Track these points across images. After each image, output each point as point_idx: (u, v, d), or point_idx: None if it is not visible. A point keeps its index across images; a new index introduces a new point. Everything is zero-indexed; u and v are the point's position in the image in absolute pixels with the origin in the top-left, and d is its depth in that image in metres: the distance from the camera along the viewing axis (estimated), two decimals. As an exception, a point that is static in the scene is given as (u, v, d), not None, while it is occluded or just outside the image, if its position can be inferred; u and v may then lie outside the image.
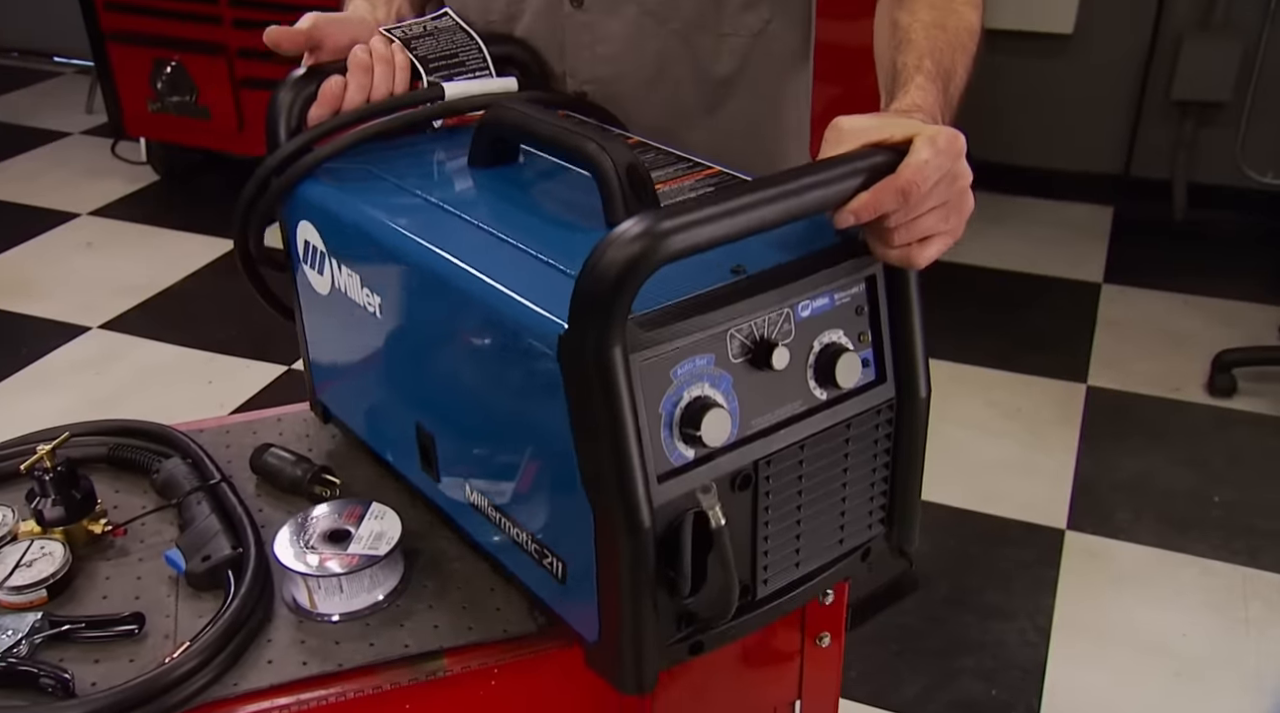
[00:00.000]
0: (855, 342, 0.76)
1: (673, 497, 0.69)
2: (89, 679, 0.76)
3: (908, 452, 0.80)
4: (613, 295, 0.63)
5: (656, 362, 0.67)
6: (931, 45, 0.87)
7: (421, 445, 0.85)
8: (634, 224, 0.63)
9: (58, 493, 0.88)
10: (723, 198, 0.66)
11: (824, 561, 0.79)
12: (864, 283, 0.76)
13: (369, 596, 0.83)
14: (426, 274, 0.77)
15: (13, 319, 2.88)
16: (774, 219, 0.66)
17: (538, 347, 0.68)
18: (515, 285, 0.72)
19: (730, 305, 0.70)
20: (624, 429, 0.65)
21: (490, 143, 0.89)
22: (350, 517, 0.86)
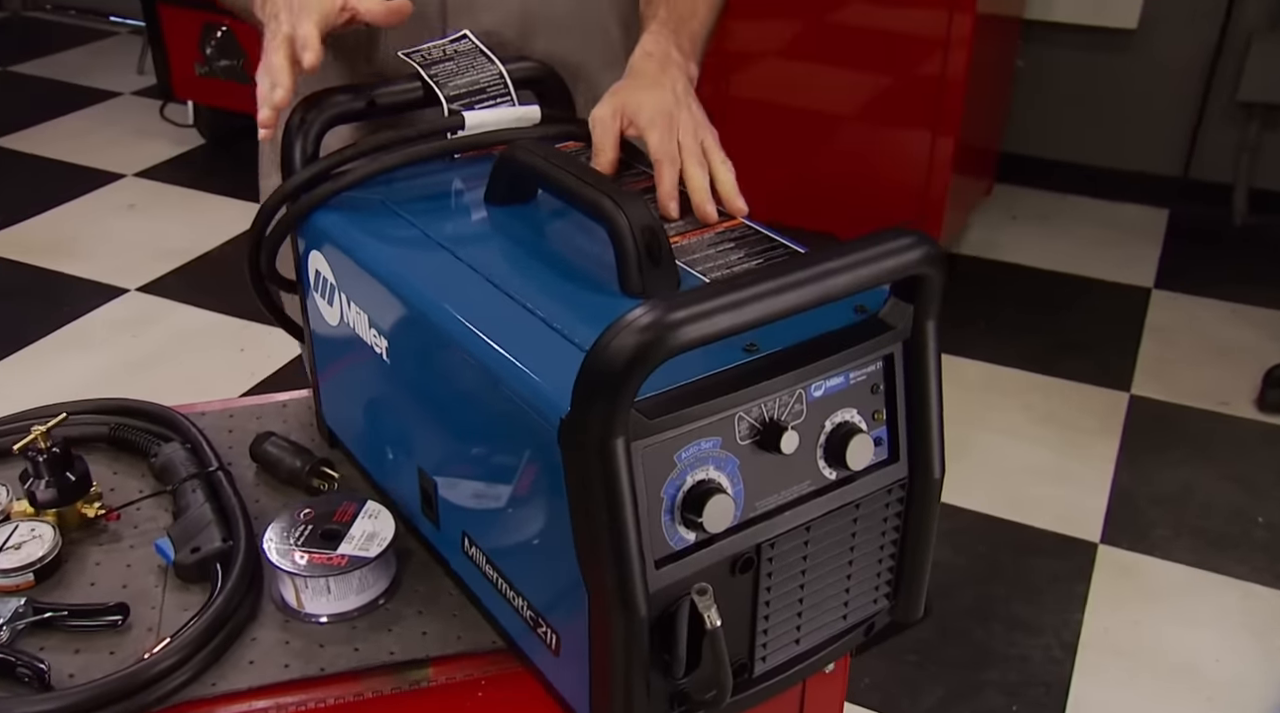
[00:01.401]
0: (869, 420, 0.74)
1: (670, 582, 0.67)
2: (67, 671, 0.76)
3: (917, 530, 0.78)
4: (617, 386, 0.61)
5: (660, 447, 0.65)
6: None
7: (423, 490, 0.84)
8: (644, 312, 0.61)
9: (51, 475, 0.87)
10: (742, 284, 0.63)
11: (825, 637, 0.78)
12: (881, 361, 0.73)
13: (358, 598, 0.82)
14: (433, 330, 0.75)
15: (54, 278, 2.92)
16: (795, 307, 0.64)
17: (539, 423, 0.66)
18: (522, 355, 0.70)
19: (741, 388, 0.68)
20: (623, 518, 0.63)
21: (508, 182, 0.86)
22: (343, 515, 0.85)
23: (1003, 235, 3.28)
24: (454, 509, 0.81)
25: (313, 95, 0.91)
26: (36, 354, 2.62)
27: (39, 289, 2.86)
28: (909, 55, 2.68)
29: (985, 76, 2.87)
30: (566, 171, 0.79)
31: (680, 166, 0.87)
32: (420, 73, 0.93)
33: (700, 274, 0.79)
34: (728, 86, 2.84)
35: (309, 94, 0.91)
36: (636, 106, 0.92)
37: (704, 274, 0.79)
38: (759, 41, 2.80)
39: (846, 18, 2.72)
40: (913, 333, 0.73)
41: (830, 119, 2.82)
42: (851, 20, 2.71)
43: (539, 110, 0.95)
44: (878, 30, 2.69)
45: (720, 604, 0.69)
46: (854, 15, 2.71)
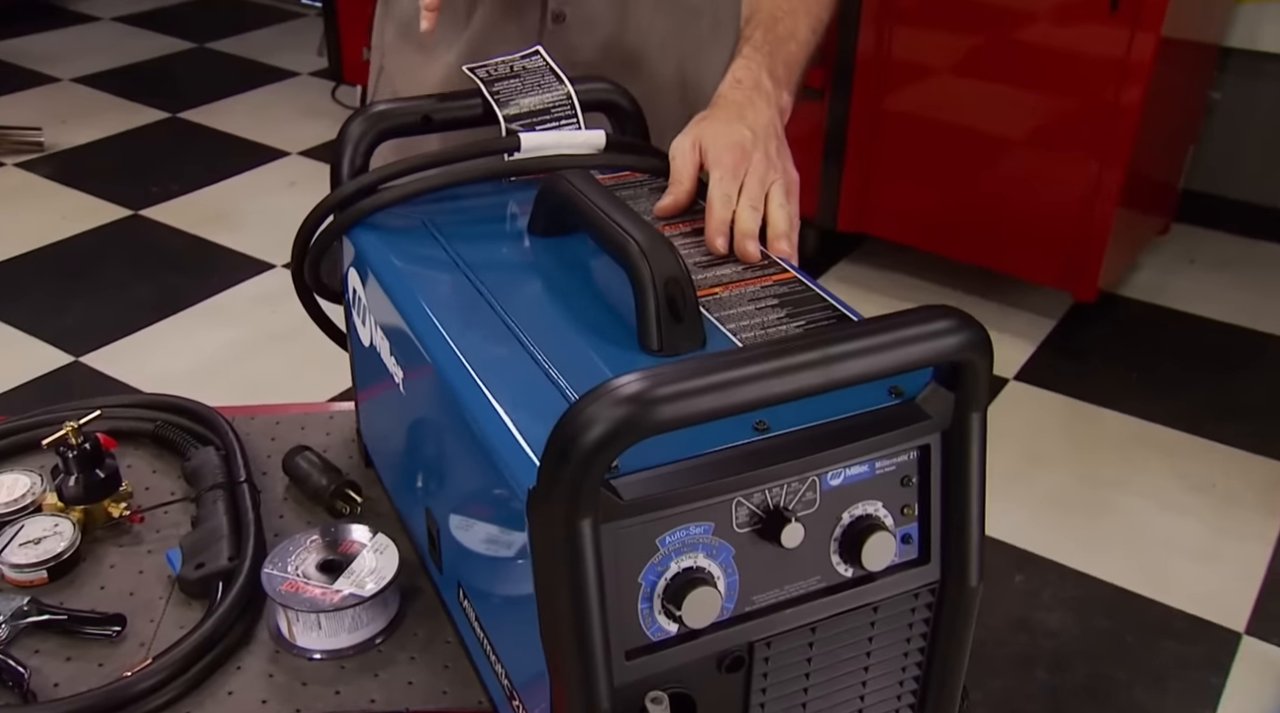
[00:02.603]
0: (896, 515, 0.66)
1: (643, 676, 0.61)
2: (53, 679, 0.75)
3: (949, 641, 0.69)
4: (585, 463, 0.55)
5: (639, 530, 0.59)
6: (769, 13, 0.99)
7: (429, 531, 0.80)
8: (629, 382, 0.55)
9: (80, 471, 0.87)
10: (742, 361, 0.56)
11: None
12: (916, 451, 0.65)
13: (350, 636, 0.78)
14: (434, 366, 0.71)
15: (209, 248, 3.04)
16: (801, 392, 0.56)
17: (512, 491, 0.61)
18: (510, 406, 0.65)
19: (742, 471, 0.61)
20: (586, 604, 0.57)
21: (548, 213, 0.81)
22: (349, 546, 0.81)
23: (1176, 279, 3.04)
24: (453, 557, 0.77)
25: (368, 107, 0.88)
26: (182, 322, 2.73)
27: (194, 258, 2.99)
28: (1082, 76, 2.50)
29: (1167, 105, 2.66)
30: (598, 208, 0.74)
31: (734, 209, 0.81)
32: (482, 89, 0.89)
33: (731, 333, 0.72)
34: (881, 98, 2.72)
35: (365, 105, 0.88)
36: (712, 139, 0.86)
37: (735, 333, 0.72)
38: (919, 53, 2.67)
39: (1017, 32, 2.56)
40: (953, 423, 0.64)
41: (989, 139, 2.67)
42: (1023, 35, 2.55)
43: (604, 136, 0.89)
44: (1050, 47, 2.53)
45: (704, 704, 0.63)
46: (1026, 30, 2.55)
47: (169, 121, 3.80)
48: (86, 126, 3.66)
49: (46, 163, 3.44)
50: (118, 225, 3.15)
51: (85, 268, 2.94)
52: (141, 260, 2.99)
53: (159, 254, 3.03)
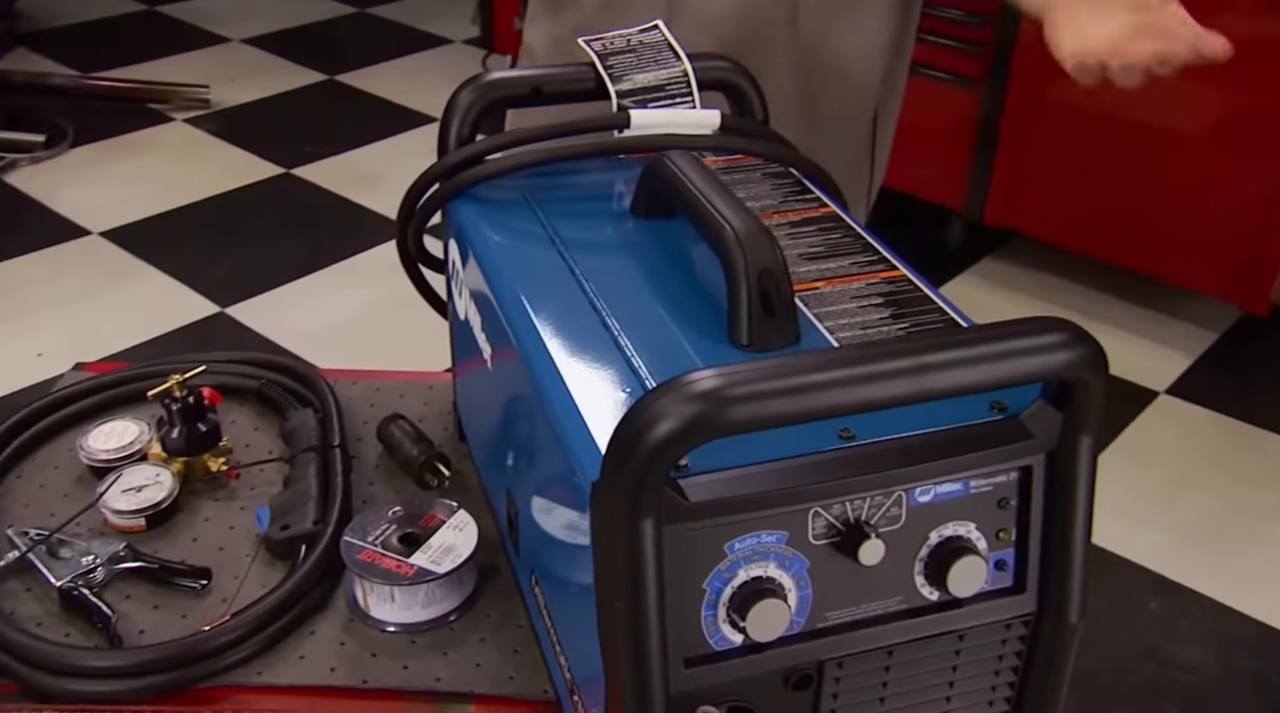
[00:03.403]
0: (990, 540, 0.61)
1: (701, 686, 0.58)
2: (139, 625, 0.77)
3: (1044, 681, 0.64)
4: (648, 461, 0.52)
5: (706, 534, 0.56)
6: None
7: (509, 512, 0.78)
8: (704, 378, 0.52)
9: (182, 424, 0.89)
10: (828, 364, 0.53)
11: (910, 777, 0.66)
12: (1016, 472, 0.60)
13: (424, 611, 0.78)
14: (519, 346, 0.69)
15: (353, 209, 3.11)
16: (886, 402, 0.53)
17: (578, 484, 0.58)
18: (589, 398, 0.62)
19: (822, 481, 0.57)
20: (644, 608, 0.55)
21: (650, 194, 0.79)
22: (430, 520, 0.81)
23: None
24: (529, 541, 0.75)
25: (478, 76, 0.86)
26: (323, 280, 2.80)
27: (339, 218, 3.06)
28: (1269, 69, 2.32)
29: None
30: (697, 191, 0.70)
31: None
32: (595, 62, 0.86)
33: (827, 331, 0.68)
34: (1041, 88, 2.59)
35: (474, 75, 0.86)
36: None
37: (832, 332, 0.68)
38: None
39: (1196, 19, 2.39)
40: (1060, 445, 0.59)
41: (1157, 134, 2.50)
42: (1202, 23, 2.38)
43: (719, 116, 0.86)
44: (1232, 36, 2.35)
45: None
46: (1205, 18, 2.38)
47: (326, 83, 3.90)
48: (251, 86, 3.78)
49: (212, 119, 3.58)
50: (271, 182, 3.25)
51: (239, 222, 3.05)
52: (291, 218, 3.09)
53: (307, 212, 3.12)
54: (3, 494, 0.88)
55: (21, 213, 3.01)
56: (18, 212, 3.02)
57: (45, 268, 2.80)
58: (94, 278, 2.76)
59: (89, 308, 2.65)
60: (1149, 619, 1.96)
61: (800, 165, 0.86)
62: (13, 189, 3.11)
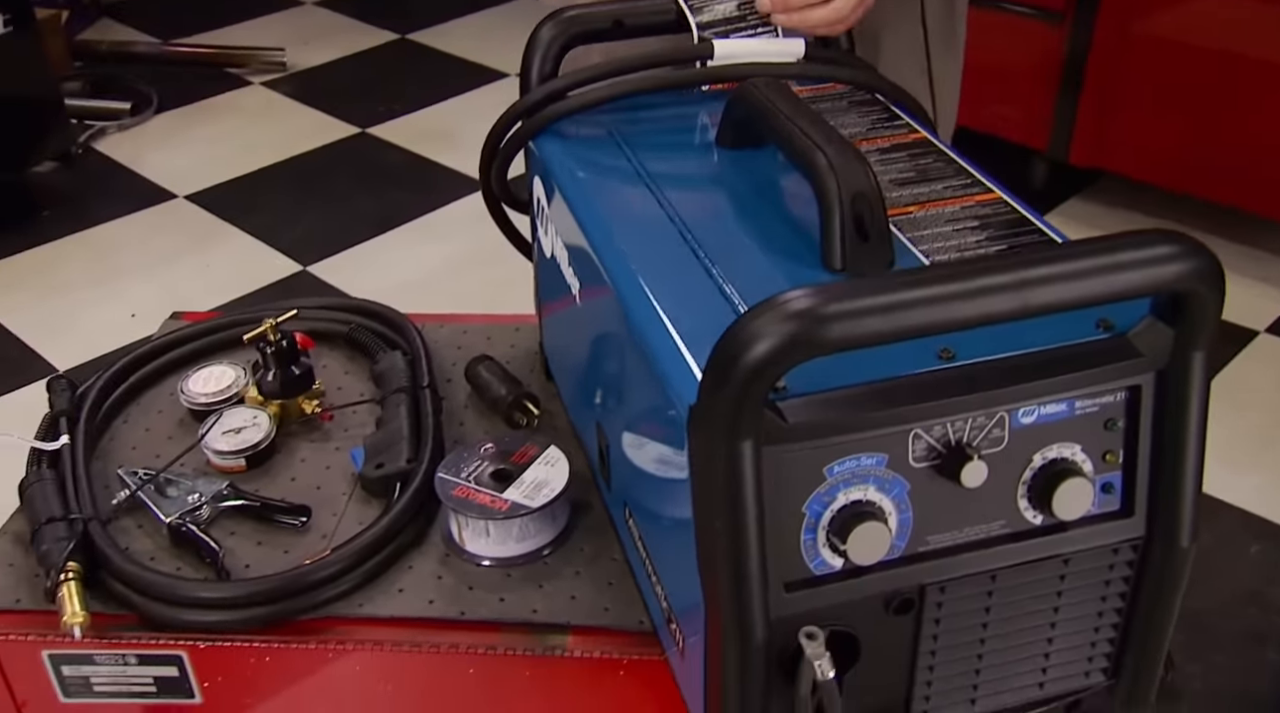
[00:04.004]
0: (1097, 462, 0.59)
1: (801, 610, 0.58)
2: (244, 560, 0.79)
3: (1154, 603, 0.62)
4: (747, 381, 0.51)
5: (805, 456, 0.56)
6: None
7: (600, 447, 0.79)
8: (800, 297, 0.51)
9: (277, 367, 0.90)
10: (927, 280, 0.52)
11: (1014, 703, 0.65)
12: (1124, 392, 0.58)
13: (518, 545, 0.79)
14: (608, 277, 0.69)
15: (429, 166, 3.12)
16: (990, 317, 0.51)
17: (675, 408, 0.58)
18: (683, 327, 0.62)
19: (922, 402, 0.56)
20: (743, 532, 0.55)
21: (736, 125, 0.77)
22: (522, 456, 0.81)
23: None
24: (621, 474, 0.75)
25: (558, 11, 0.86)
26: (401, 236, 2.83)
27: (414, 175, 3.08)
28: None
29: None
30: (787, 118, 0.69)
31: None
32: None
33: (923, 255, 0.66)
34: (1130, 20, 2.50)
35: (555, 9, 0.86)
36: None
37: (928, 255, 0.66)
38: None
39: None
40: (1171, 364, 0.57)
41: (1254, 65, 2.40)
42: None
43: (803, 44, 0.84)
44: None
45: (870, 645, 0.60)
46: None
47: (398, 43, 3.91)
48: (325, 47, 3.81)
49: (288, 82, 3.62)
50: (347, 142, 3.28)
51: (316, 182, 3.09)
52: (367, 176, 3.12)
53: (382, 171, 3.14)
54: (110, 437, 0.91)
55: (111, 178, 3.09)
56: (107, 177, 3.10)
57: (135, 231, 2.87)
58: (181, 240, 2.82)
59: (177, 269, 2.71)
60: (1251, 563, 1.91)
61: (887, 91, 0.84)
62: (102, 156, 3.18)
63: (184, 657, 0.75)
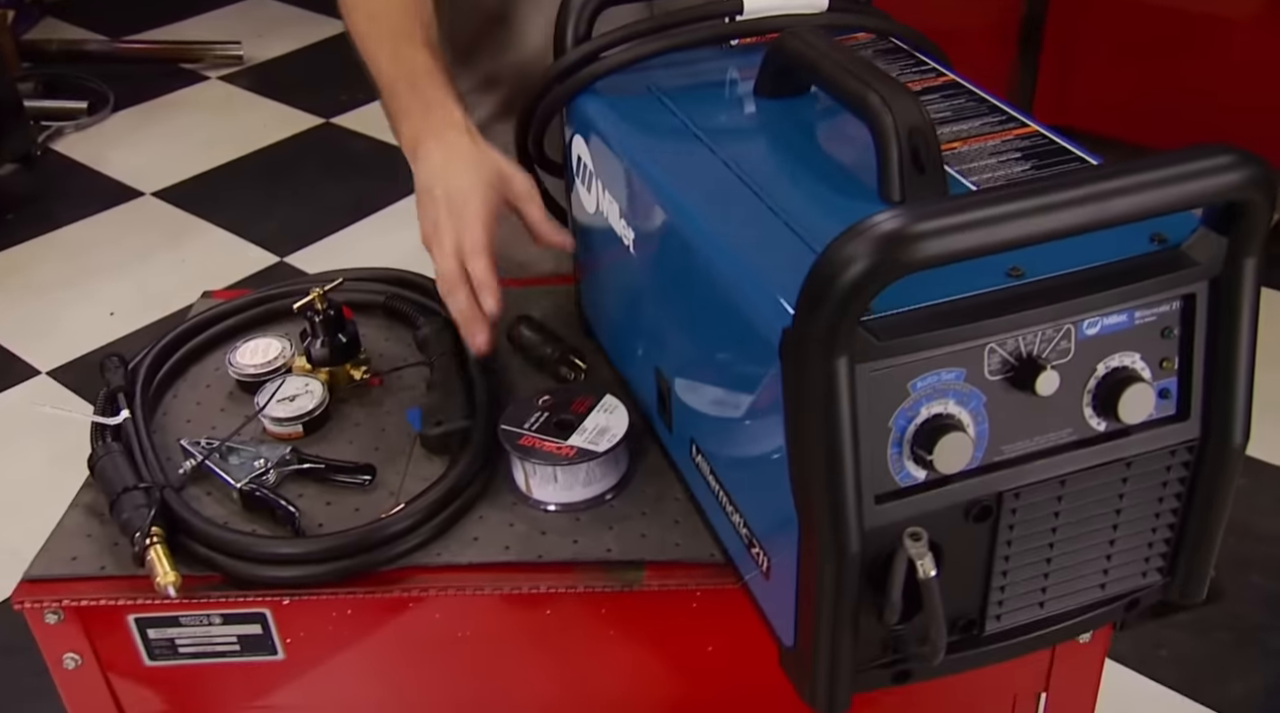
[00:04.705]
0: (1154, 368, 0.63)
1: (890, 520, 0.61)
2: (317, 520, 0.81)
3: (1207, 502, 0.67)
4: (843, 300, 0.54)
5: (892, 372, 0.59)
6: None
7: (659, 391, 0.81)
8: (886, 219, 0.54)
9: (325, 335, 0.92)
10: (1005, 197, 0.55)
11: (1078, 604, 0.69)
12: (1180, 301, 0.62)
13: (584, 490, 0.81)
14: (671, 222, 0.72)
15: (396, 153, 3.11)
16: (1066, 230, 0.55)
17: (763, 332, 0.61)
18: (753, 256, 0.65)
19: (996, 317, 0.60)
20: (840, 445, 0.58)
21: (776, 73, 0.80)
22: (580, 406, 0.84)
23: None
24: (685, 414, 0.78)
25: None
26: (376, 223, 2.83)
27: (383, 163, 3.08)
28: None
29: None
30: (835, 62, 0.72)
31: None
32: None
33: (974, 185, 0.70)
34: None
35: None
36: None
37: (979, 186, 0.70)
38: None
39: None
40: (1224, 271, 0.61)
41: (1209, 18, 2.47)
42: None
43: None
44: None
45: (950, 552, 0.63)
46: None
47: (354, 33, 3.90)
48: (280, 39, 3.79)
49: (245, 76, 3.59)
50: (312, 133, 3.27)
51: (285, 173, 3.08)
52: (335, 166, 3.11)
53: (350, 159, 3.14)
54: (164, 412, 0.92)
55: (74, 179, 3.05)
56: (70, 178, 3.06)
57: (104, 231, 2.84)
58: (153, 236, 2.80)
59: (153, 266, 2.69)
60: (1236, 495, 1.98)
61: (910, 38, 0.87)
62: (61, 156, 3.14)
63: (267, 614, 0.77)
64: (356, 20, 0.98)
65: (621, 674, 0.83)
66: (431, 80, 0.92)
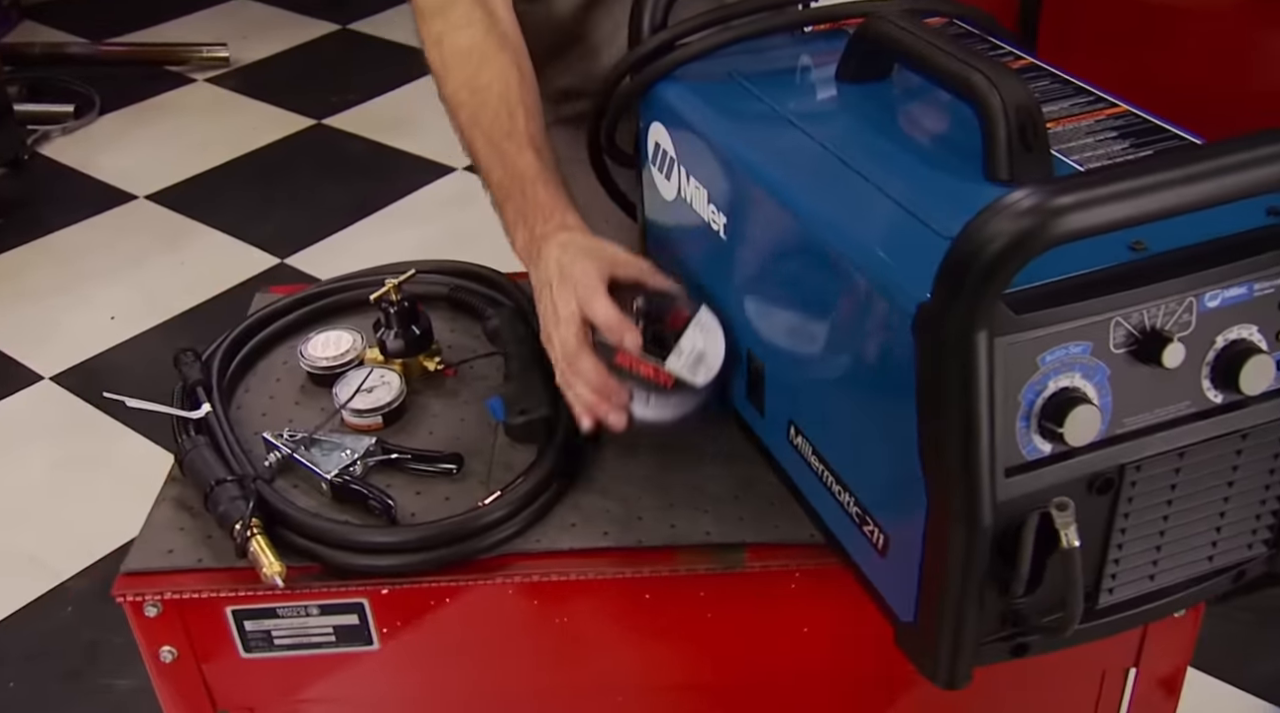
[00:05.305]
0: (1271, 341, 0.64)
1: (1019, 494, 0.61)
2: (409, 509, 0.81)
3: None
4: (988, 275, 0.55)
5: (1023, 346, 0.59)
6: None
7: (750, 375, 0.82)
8: (1026, 196, 0.55)
9: (400, 327, 0.92)
10: (1140, 171, 0.56)
11: (1184, 577, 0.70)
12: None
13: (674, 413, 0.80)
14: (780, 208, 0.72)
15: (392, 153, 3.10)
16: (1203, 202, 0.56)
17: (891, 311, 0.62)
18: (875, 238, 0.65)
19: (1121, 291, 0.60)
20: (976, 419, 0.58)
21: (863, 58, 0.81)
22: (677, 319, 0.81)
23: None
24: (782, 396, 0.78)
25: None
26: (376, 223, 2.81)
27: (379, 163, 3.06)
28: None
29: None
30: (933, 45, 0.73)
31: None
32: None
33: (1076, 163, 0.71)
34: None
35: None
36: None
37: (1082, 164, 0.70)
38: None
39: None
40: (1339, 243, 0.62)
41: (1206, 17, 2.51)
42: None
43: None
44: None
45: (1072, 526, 0.64)
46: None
47: (340, 33, 3.87)
48: (266, 41, 3.76)
49: (232, 77, 3.56)
50: (304, 134, 3.24)
51: (280, 175, 3.05)
52: (330, 167, 3.09)
53: (345, 161, 3.12)
54: (239, 406, 0.91)
55: (64, 183, 3.01)
56: (60, 182, 3.02)
57: (98, 235, 2.81)
58: (149, 240, 2.77)
59: (151, 269, 2.66)
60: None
61: (983, 22, 0.88)
62: (50, 160, 3.10)
63: (365, 603, 0.77)
64: (461, 123, 0.96)
65: (715, 656, 0.83)
66: (543, 186, 0.88)
